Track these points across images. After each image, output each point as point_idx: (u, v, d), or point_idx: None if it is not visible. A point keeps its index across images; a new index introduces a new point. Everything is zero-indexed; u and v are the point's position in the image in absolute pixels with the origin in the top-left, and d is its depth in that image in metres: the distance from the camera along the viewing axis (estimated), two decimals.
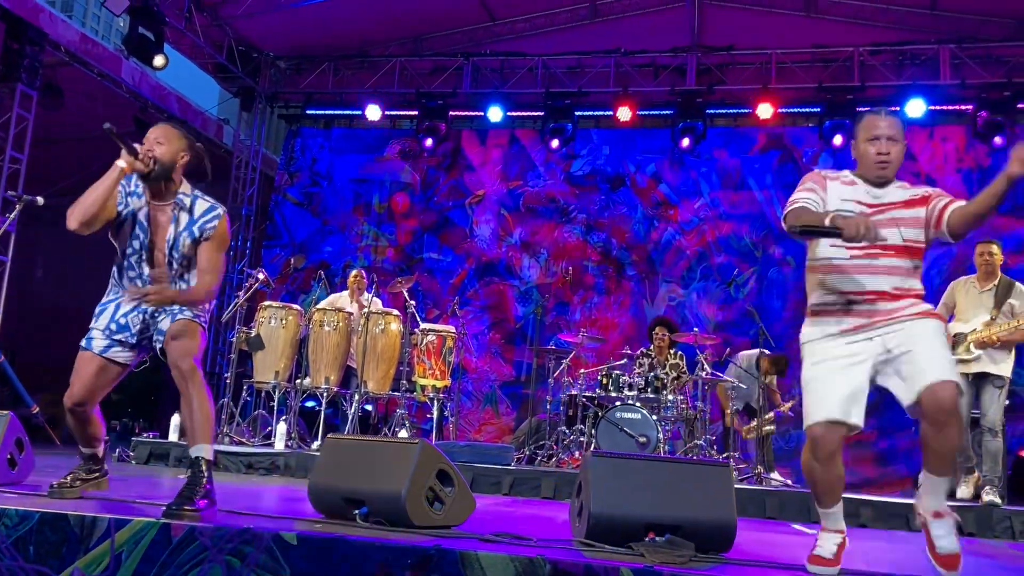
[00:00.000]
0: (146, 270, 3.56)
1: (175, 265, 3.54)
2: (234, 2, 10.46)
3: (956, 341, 6.15)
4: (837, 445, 3.03)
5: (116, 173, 3.43)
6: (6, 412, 4.06)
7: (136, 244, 3.54)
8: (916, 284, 3.13)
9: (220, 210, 3.63)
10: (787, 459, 9.67)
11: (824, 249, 3.18)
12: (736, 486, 3.59)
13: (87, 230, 3.45)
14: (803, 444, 3.11)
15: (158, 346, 3.56)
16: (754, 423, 7.90)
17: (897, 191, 3.19)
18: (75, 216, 3.39)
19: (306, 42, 11.41)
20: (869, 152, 3.18)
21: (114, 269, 3.63)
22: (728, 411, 8.03)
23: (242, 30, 11.02)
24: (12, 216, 5.83)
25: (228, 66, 11.19)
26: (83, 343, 3.57)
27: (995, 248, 6.32)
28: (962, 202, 3.10)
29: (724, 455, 7.53)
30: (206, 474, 3.40)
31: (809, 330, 3.20)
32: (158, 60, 9.41)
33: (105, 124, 3.42)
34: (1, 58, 8.71)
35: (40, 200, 5.55)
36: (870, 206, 3.13)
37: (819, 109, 10.38)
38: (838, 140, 10.15)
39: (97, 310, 3.62)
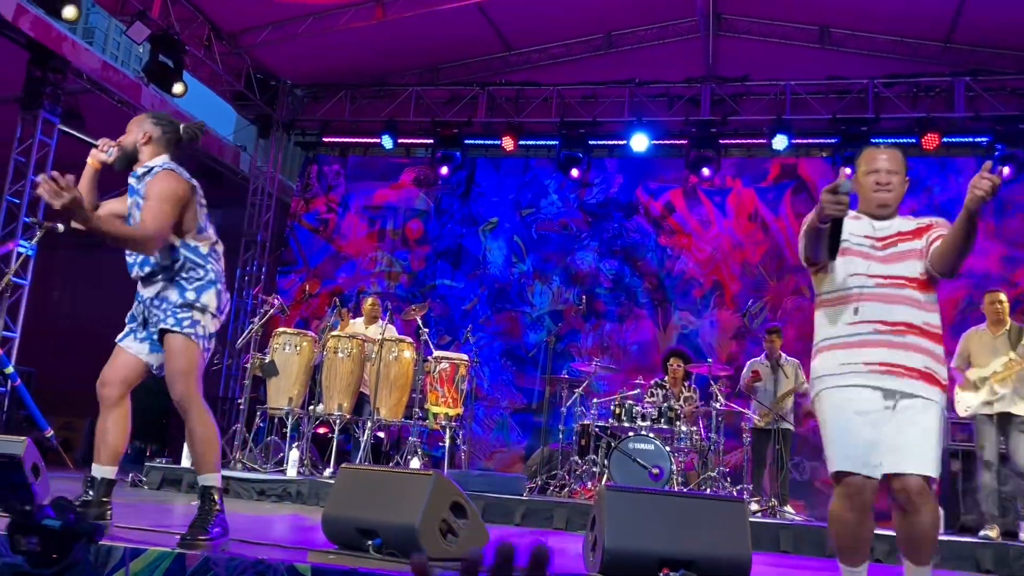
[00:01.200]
0: (129, 259, 3.59)
1: None
2: (253, 31, 10.60)
3: (978, 385, 6.58)
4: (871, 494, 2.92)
5: (88, 171, 3.64)
6: (23, 438, 4.08)
7: None
8: (933, 319, 3.02)
9: (159, 168, 3.52)
10: (802, 492, 9.61)
11: (841, 278, 3.09)
12: (751, 520, 3.57)
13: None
14: (818, 475, 3.08)
15: (154, 364, 3.58)
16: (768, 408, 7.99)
17: (902, 223, 3.12)
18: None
19: (324, 71, 11.53)
20: (869, 184, 3.13)
21: None
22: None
23: (260, 58, 11.16)
24: (33, 241, 5.89)
25: (246, 93, 11.31)
26: None
27: (1003, 297, 6.79)
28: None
29: (738, 487, 7.48)
30: (217, 503, 3.40)
31: (825, 364, 3.08)
32: (177, 87, 9.53)
33: (60, 126, 3.53)
34: (25, 85, 8.84)
35: (60, 227, 5.59)
36: (879, 239, 3.08)
37: (834, 140, 10.40)
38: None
39: None
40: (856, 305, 3.03)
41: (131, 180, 3.62)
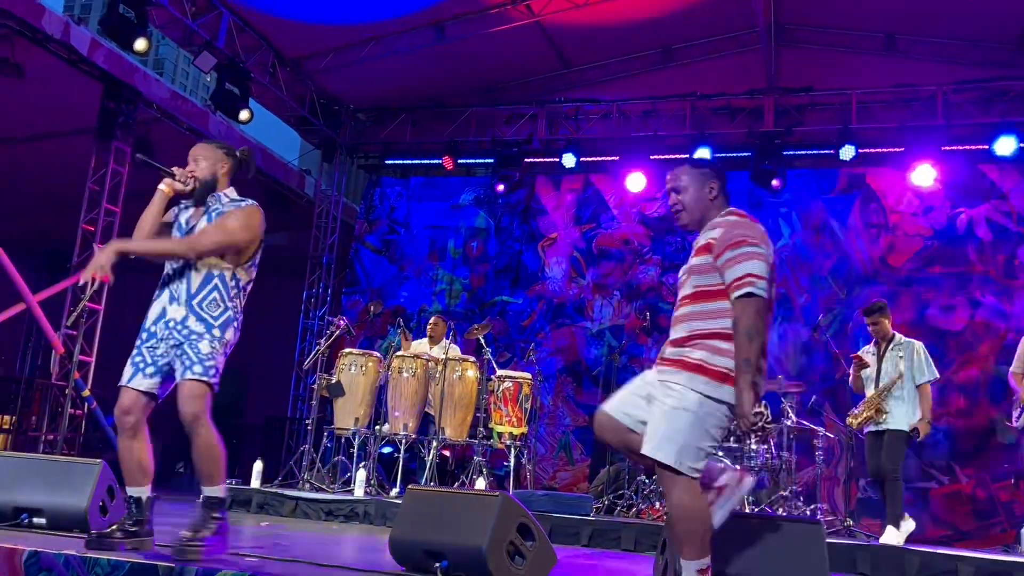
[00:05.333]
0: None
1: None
2: (316, 57, 10.79)
3: None
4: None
5: (159, 197, 3.62)
6: (98, 460, 4.17)
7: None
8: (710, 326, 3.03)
9: (249, 203, 3.66)
10: (877, 511, 9.31)
11: None
12: (826, 541, 3.45)
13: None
14: None
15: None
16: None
17: (702, 235, 3.19)
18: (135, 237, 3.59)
19: (385, 94, 11.68)
20: None
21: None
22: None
23: (323, 84, 11.35)
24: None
25: (310, 118, 11.51)
26: None
27: None
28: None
29: (812, 506, 7.28)
30: (219, 513, 3.43)
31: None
32: (243, 114, 9.74)
33: (136, 155, 3.59)
34: (99, 116, 9.12)
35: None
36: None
37: (902, 149, 10.14)
38: (927, 182, 9.92)
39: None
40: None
41: (210, 201, 3.68)
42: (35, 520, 3.94)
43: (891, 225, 10.36)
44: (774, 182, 10.32)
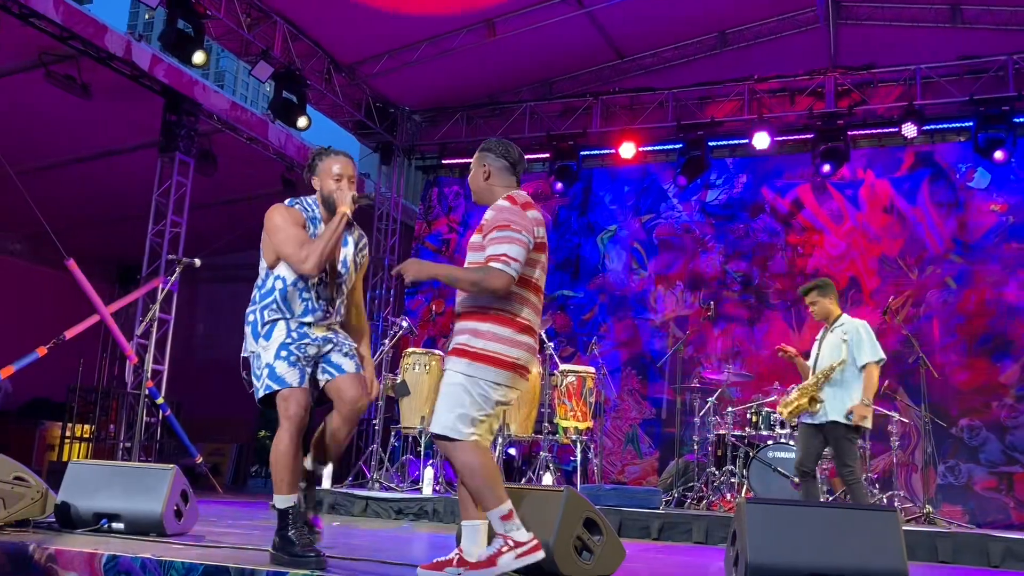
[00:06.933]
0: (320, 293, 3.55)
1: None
2: (370, 61, 10.89)
3: None
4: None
5: (344, 221, 3.53)
6: (172, 466, 4.26)
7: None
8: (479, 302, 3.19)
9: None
10: (958, 497, 9.06)
11: None
12: (904, 528, 3.34)
13: (319, 272, 3.48)
14: (974, 479, 2.85)
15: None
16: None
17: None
18: (315, 263, 3.41)
19: (439, 94, 11.73)
20: None
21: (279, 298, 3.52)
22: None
23: (378, 87, 11.45)
24: (173, 278, 6.19)
25: (367, 122, 11.63)
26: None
27: None
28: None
29: (888, 494, 7.09)
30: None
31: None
32: (301, 121, 9.88)
33: (354, 195, 3.60)
34: (161, 130, 9.34)
35: (197, 262, 5.89)
36: None
37: (971, 123, 9.79)
38: (998, 155, 9.54)
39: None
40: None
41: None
42: (114, 525, 4.05)
43: (962, 202, 10.04)
44: (826, 165, 10.07)
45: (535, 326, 3.26)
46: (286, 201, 3.63)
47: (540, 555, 2.99)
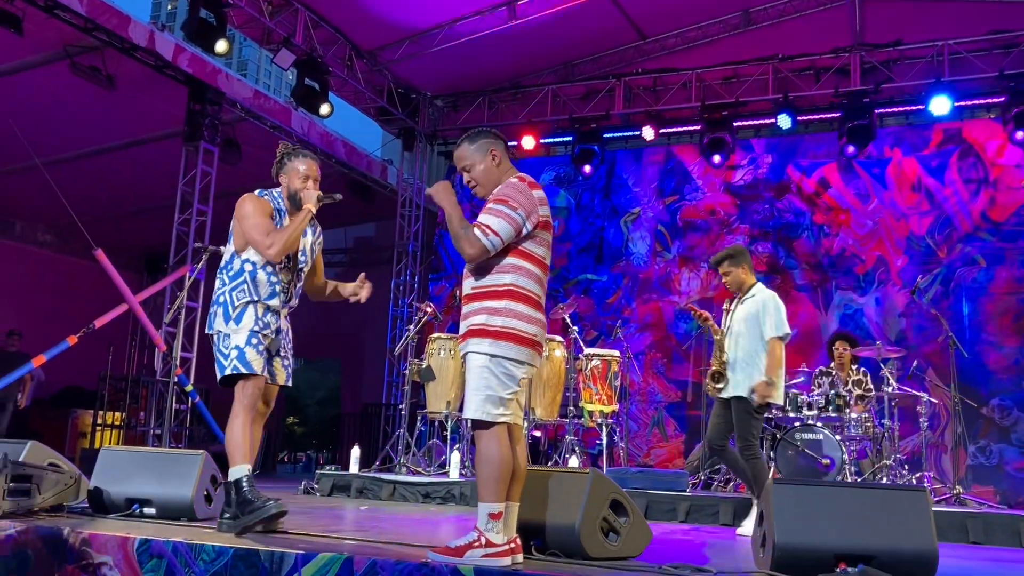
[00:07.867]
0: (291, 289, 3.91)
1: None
2: (391, 47, 10.88)
3: None
4: None
5: (309, 216, 3.86)
6: (201, 451, 4.31)
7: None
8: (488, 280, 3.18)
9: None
10: (989, 477, 8.97)
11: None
12: (933, 509, 3.31)
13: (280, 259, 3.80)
14: (1005, 459, 2.82)
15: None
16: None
17: None
18: (278, 251, 3.73)
19: (460, 79, 11.70)
20: None
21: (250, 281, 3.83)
22: None
23: (400, 73, 11.44)
24: (200, 266, 6.24)
25: (389, 108, 11.63)
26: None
27: None
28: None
29: (918, 474, 7.03)
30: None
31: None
32: (324, 108, 9.90)
33: (321, 193, 3.90)
34: (185, 119, 9.40)
35: (223, 249, 5.90)
36: None
37: (1002, 99, 9.63)
38: None
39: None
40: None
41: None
42: (145, 510, 4.10)
43: (992, 179, 9.89)
44: (852, 144, 9.95)
45: (543, 303, 3.27)
46: (256, 191, 3.91)
47: (507, 562, 2.98)
